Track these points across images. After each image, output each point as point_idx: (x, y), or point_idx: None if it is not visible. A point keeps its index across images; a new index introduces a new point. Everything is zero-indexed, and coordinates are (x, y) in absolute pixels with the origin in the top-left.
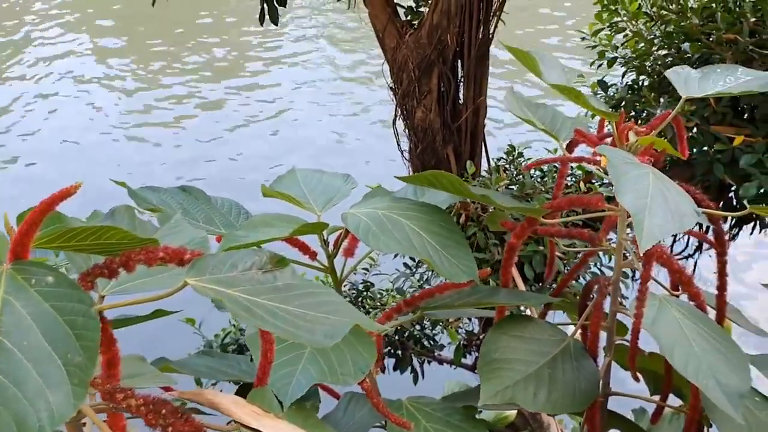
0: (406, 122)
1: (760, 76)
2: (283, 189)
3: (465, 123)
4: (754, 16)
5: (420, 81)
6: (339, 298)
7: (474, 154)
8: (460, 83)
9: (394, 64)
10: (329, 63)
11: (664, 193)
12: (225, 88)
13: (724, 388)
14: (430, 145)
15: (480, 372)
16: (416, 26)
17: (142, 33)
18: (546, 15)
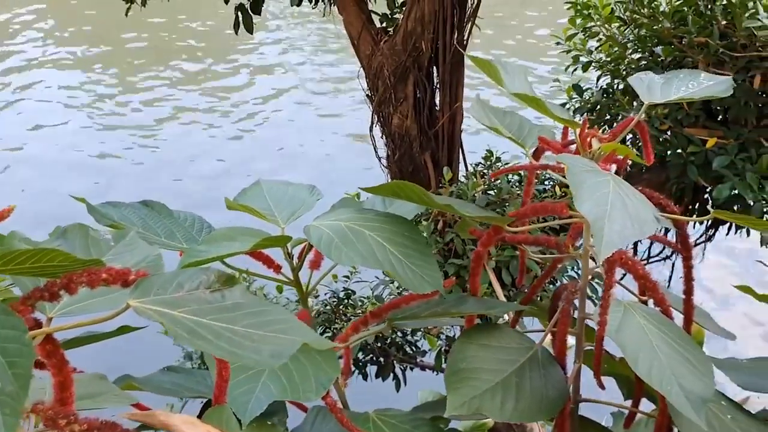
0: (383, 129)
1: (721, 81)
2: (247, 201)
3: (442, 129)
4: (725, 19)
5: (396, 88)
6: (290, 316)
7: (451, 160)
8: (436, 89)
9: (370, 71)
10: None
11: (625, 200)
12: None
13: (688, 394)
14: (408, 151)
15: (446, 382)
16: (391, 33)
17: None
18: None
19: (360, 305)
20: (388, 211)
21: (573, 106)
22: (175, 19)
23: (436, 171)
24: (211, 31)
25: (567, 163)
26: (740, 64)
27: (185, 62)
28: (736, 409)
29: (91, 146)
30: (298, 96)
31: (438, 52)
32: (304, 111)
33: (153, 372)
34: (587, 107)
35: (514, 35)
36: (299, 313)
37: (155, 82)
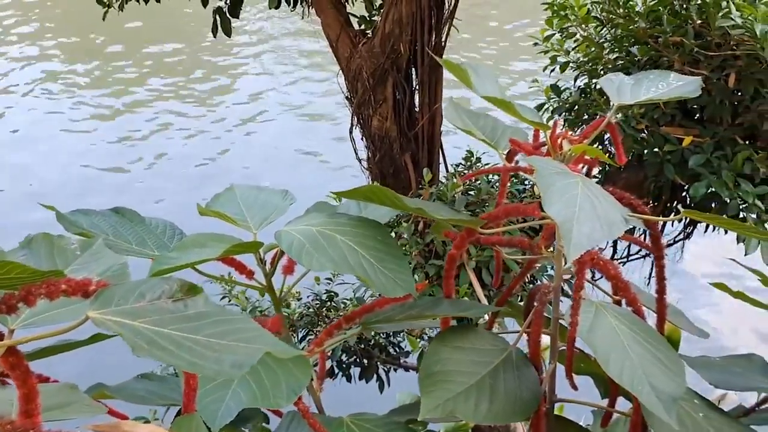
0: (363, 131)
1: (690, 82)
2: (220, 207)
3: (422, 130)
4: (700, 19)
5: (375, 90)
6: (253, 324)
7: (432, 161)
8: (415, 91)
9: (349, 73)
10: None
11: (593, 201)
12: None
13: (659, 393)
14: (388, 153)
15: (420, 385)
16: (369, 35)
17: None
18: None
19: (343, 307)
20: (362, 214)
21: (551, 107)
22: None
23: (417, 172)
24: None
25: (535, 166)
26: (715, 62)
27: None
28: (708, 407)
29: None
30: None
31: (416, 53)
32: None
33: (127, 380)
34: (565, 107)
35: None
36: (272, 319)
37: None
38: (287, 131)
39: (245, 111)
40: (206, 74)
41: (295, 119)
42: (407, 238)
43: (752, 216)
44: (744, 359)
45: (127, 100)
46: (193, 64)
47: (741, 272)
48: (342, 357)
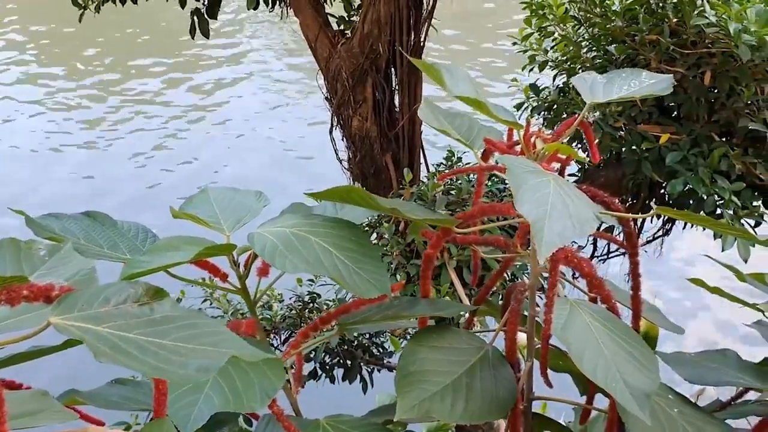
0: (343, 131)
1: (662, 80)
2: (193, 209)
3: (402, 131)
4: (676, 17)
5: (354, 90)
6: (222, 328)
7: (413, 161)
8: (395, 91)
9: (328, 73)
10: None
11: (565, 199)
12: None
13: (632, 390)
14: (369, 153)
15: (396, 386)
16: (348, 35)
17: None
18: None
19: (325, 308)
20: (339, 215)
21: (531, 105)
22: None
23: (398, 172)
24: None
25: (507, 165)
26: (691, 60)
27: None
28: (683, 403)
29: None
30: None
31: (395, 53)
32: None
33: (100, 386)
34: (545, 106)
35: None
36: (247, 322)
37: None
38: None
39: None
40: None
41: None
42: (388, 238)
43: (729, 212)
44: (718, 354)
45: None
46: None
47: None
48: (325, 358)
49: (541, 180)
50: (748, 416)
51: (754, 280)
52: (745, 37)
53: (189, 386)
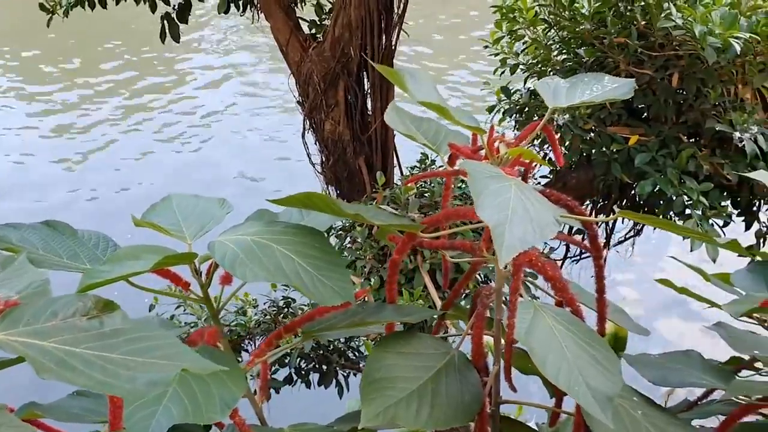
0: (316, 135)
1: (623, 84)
2: (156, 217)
3: (375, 134)
4: (644, 20)
5: (326, 94)
6: (174, 340)
7: (386, 164)
8: (367, 95)
9: (300, 77)
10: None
11: (526, 204)
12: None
13: (595, 393)
14: (342, 157)
15: (362, 393)
16: (320, 39)
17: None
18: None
19: (300, 313)
20: (305, 221)
21: (503, 108)
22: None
23: (371, 175)
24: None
25: (468, 170)
26: (658, 62)
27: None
28: (647, 405)
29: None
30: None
31: (367, 57)
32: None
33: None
34: (516, 109)
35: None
36: (209, 331)
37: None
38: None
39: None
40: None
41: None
42: (361, 242)
43: (697, 212)
44: (682, 355)
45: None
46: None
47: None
48: (301, 363)
49: (502, 185)
50: (714, 416)
51: (719, 280)
52: (711, 40)
53: (147, 398)
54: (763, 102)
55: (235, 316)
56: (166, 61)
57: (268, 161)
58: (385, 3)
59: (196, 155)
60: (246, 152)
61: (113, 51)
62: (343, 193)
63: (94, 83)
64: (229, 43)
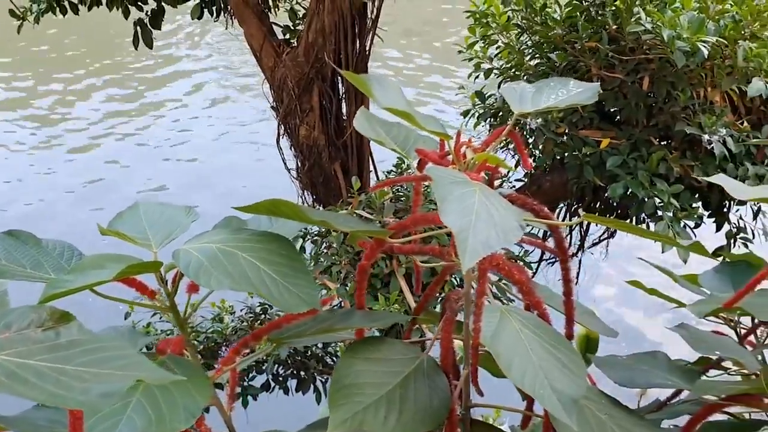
0: (291, 140)
1: (588, 88)
2: (122, 225)
3: (350, 139)
4: (615, 24)
5: (301, 99)
6: (132, 351)
7: (362, 169)
8: (342, 99)
9: (274, 82)
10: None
11: (490, 209)
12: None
13: (560, 396)
14: (317, 162)
15: (329, 400)
16: (294, 44)
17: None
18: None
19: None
20: (273, 228)
21: (477, 112)
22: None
23: (347, 180)
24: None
25: (433, 175)
26: (629, 66)
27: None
28: (614, 406)
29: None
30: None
31: (341, 62)
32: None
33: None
34: (491, 113)
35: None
36: (174, 340)
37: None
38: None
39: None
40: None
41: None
42: (337, 248)
43: (668, 214)
44: (649, 356)
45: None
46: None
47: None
48: (279, 370)
49: (467, 190)
50: (682, 415)
51: (687, 281)
52: (679, 44)
53: (110, 409)
54: (731, 105)
55: (212, 323)
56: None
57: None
58: (358, 8)
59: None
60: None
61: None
62: (319, 198)
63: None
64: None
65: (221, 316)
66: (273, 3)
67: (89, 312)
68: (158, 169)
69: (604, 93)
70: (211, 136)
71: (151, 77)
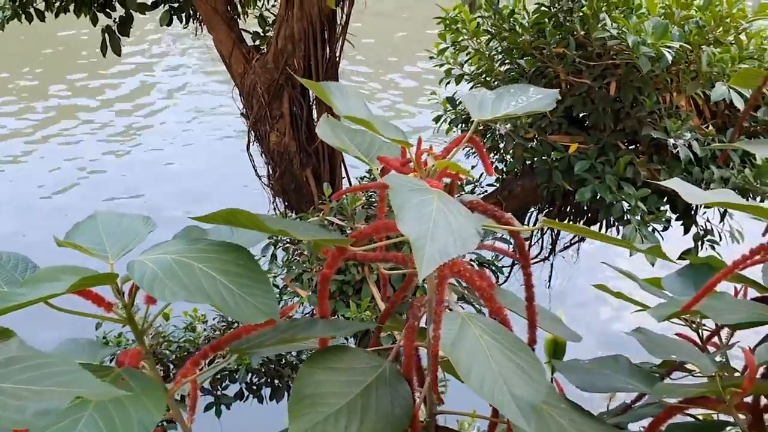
0: (261, 147)
1: (547, 95)
2: (79, 236)
3: (322, 145)
4: (583, 30)
5: (271, 105)
6: (74, 367)
7: (334, 175)
8: (313, 106)
9: (243, 89)
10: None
11: (448, 217)
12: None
13: (518, 401)
14: (288, 169)
15: (289, 411)
16: (264, 51)
17: None
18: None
19: None
20: (234, 237)
21: (449, 118)
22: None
23: (319, 187)
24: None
25: (390, 184)
26: (596, 72)
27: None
28: (576, 411)
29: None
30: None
31: (311, 68)
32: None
33: None
34: (462, 118)
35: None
36: (131, 352)
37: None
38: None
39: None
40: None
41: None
42: (308, 255)
43: (636, 218)
44: (611, 360)
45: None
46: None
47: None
48: (252, 378)
49: (425, 198)
50: (646, 418)
51: (650, 285)
52: (644, 49)
53: (62, 424)
54: (697, 109)
55: (185, 332)
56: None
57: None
58: (327, 15)
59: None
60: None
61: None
62: (291, 205)
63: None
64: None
65: (194, 325)
66: (242, 9)
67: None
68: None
69: (572, 98)
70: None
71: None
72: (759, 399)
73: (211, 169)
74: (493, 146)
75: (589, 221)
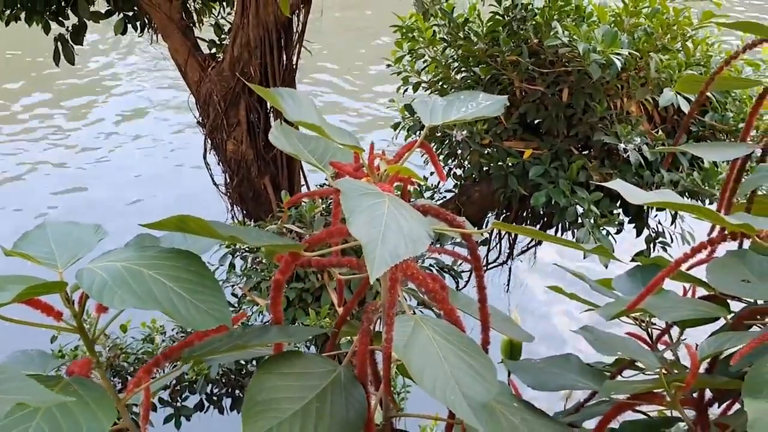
0: (218, 155)
1: (496, 101)
2: (28, 246)
3: (280, 153)
4: (536, 38)
5: (227, 113)
6: (18, 375)
7: (293, 183)
8: (270, 113)
9: (200, 97)
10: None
11: (399, 220)
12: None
13: (470, 401)
14: (246, 176)
15: (243, 417)
16: (220, 59)
17: None
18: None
19: None
20: (187, 244)
21: (407, 125)
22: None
23: (277, 195)
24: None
25: (341, 188)
26: (549, 79)
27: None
28: (528, 410)
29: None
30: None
31: (267, 76)
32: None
33: None
34: (420, 125)
35: None
36: (80, 362)
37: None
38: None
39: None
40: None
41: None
42: (266, 263)
43: (589, 221)
44: (563, 360)
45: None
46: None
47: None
48: (213, 389)
49: (376, 201)
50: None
51: (600, 286)
52: (594, 56)
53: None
54: (647, 114)
55: (143, 344)
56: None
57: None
58: (283, 22)
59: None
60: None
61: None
62: (249, 214)
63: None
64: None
65: (152, 336)
66: (197, 18)
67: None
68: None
69: (526, 105)
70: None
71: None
72: (704, 394)
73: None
74: (451, 153)
75: (545, 225)
